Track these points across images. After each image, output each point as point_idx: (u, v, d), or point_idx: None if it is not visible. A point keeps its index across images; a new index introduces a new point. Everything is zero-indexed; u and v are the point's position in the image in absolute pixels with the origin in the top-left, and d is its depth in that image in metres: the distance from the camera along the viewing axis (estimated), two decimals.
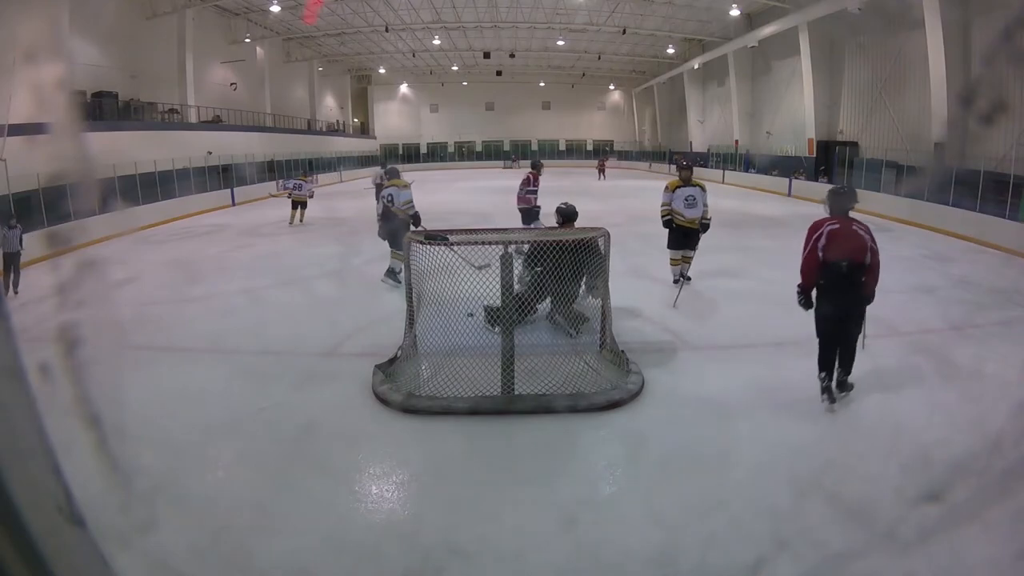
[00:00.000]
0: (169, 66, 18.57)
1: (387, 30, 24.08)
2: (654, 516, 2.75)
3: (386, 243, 6.87)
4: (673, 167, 29.26)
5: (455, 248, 4.17)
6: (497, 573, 2.44)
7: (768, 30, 20.29)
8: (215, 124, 20.19)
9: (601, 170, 27.36)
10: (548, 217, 6.52)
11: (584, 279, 4.75)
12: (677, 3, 22.02)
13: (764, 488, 2.94)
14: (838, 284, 3.50)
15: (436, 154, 37.79)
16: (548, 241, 4.23)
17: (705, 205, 6.37)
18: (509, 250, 3.88)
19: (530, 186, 8.12)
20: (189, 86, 18.99)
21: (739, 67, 24.11)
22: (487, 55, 28.12)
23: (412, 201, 6.53)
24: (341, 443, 3.48)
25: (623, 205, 15.74)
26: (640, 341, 4.85)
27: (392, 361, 4.30)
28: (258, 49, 23.97)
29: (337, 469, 3.21)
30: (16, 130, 10.05)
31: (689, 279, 6.62)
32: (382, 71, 35.05)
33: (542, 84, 37.69)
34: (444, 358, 4.13)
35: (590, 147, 39.23)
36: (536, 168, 8.35)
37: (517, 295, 4.13)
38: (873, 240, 3.52)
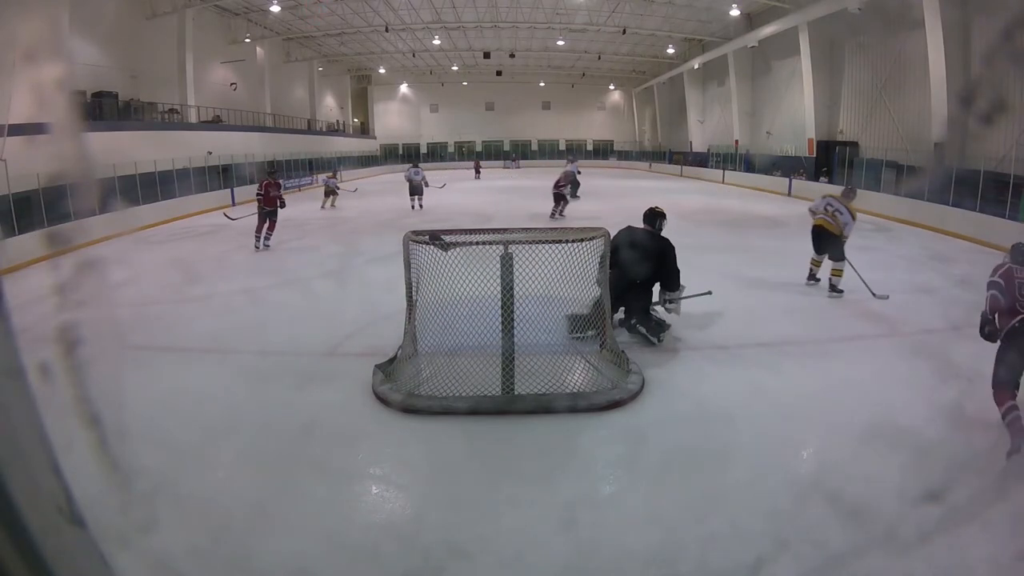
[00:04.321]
0: (169, 66, 18.55)
1: (387, 30, 24.08)
2: (654, 516, 2.75)
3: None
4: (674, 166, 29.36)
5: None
6: (497, 573, 2.44)
7: (768, 30, 20.29)
8: (215, 124, 20.17)
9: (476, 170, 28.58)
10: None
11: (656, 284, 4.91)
12: (677, 3, 22.01)
13: (764, 488, 2.93)
14: None
15: (436, 154, 37.79)
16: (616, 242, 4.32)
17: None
18: (509, 251, 3.89)
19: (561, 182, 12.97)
20: (189, 86, 18.97)
21: (739, 67, 24.11)
22: (487, 55, 28.11)
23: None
24: (341, 443, 3.48)
25: (623, 205, 15.72)
26: (640, 341, 4.85)
27: (392, 361, 4.29)
28: (258, 49, 23.95)
29: (337, 469, 3.20)
30: (16, 130, 10.02)
31: (818, 280, 6.41)
32: (382, 71, 35.03)
33: (542, 84, 37.67)
34: (444, 358, 4.13)
35: (590, 147, 39.23)
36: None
37: (596, 300, 4.24)
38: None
